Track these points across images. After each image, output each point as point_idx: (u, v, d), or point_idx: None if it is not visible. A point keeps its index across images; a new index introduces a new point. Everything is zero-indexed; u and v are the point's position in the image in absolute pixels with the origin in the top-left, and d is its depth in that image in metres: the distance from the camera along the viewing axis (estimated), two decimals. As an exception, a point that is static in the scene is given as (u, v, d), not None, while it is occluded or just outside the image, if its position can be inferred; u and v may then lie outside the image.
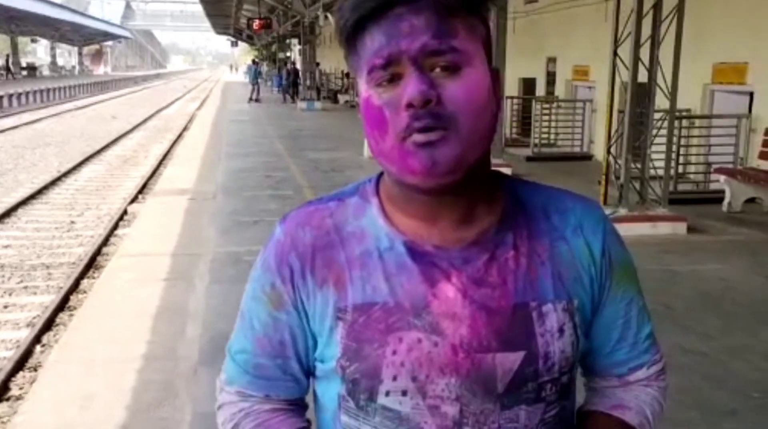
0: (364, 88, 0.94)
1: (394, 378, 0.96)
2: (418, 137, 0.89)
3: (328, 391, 1.04)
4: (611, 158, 8.02)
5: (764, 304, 5.54)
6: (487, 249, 0.99)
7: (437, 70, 0.89)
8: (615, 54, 7.77)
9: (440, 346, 0.95)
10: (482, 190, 1.00)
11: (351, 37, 0.94)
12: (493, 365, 0.96)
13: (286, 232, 1.04)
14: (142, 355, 4.54)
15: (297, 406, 1.11)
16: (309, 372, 1.07)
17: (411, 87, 0.88)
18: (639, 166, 7.95)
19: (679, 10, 7.44)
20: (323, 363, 1.02)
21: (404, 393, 0.96)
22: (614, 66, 7.79)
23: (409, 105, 0.88)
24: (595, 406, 1.13)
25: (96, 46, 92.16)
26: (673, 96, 7.66)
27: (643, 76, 7.65)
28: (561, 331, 0.99)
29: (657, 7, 7.58)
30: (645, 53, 7.65)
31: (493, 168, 1.03)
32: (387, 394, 0.96)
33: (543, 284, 0.99)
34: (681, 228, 7.62)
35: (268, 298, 1.04)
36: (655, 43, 7.64)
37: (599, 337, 1.08)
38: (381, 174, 1.05)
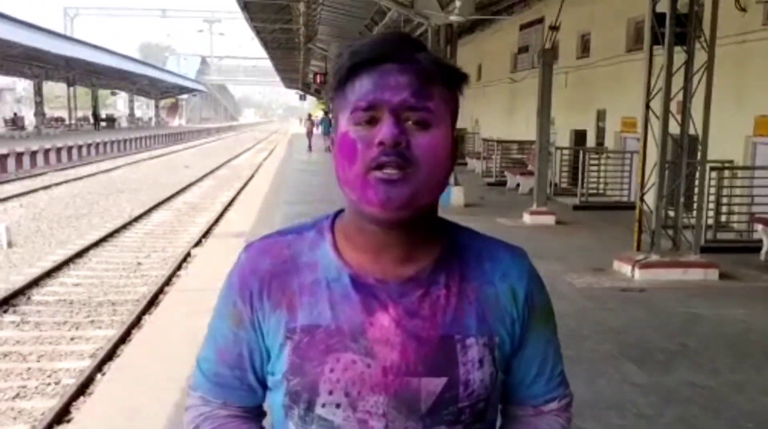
0: (343, 124, 1.07)
1: (330, 392, 1.08)
2: (380, 174, 1.02)
3: (277, 400, 1.16)
4: (645, 206, 8.29)
5: (778, 345, 5.73)
6: (422, 285, 1.11)
7: (409, 122, 1.04)
8: (647, 107, 8.10)
9: (372, 367, 1.08)
10: (425, 234, 1.13)
11: (344, 80, 1.08)
12: (418, 388, 1.08)
13: (249, 258, 1.17)
14: (187, 375, 4.97)
15: (253, 414, 1.22)
16: (264, 384, 1.19)
17: (386, 129, 1.02)
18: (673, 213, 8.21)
19: (709, 67, 7.76)
20: (273, 375, 1.15)
21: (338, 406, 1.08)
22: (646, 119, 8.12)
23: (381, 143, 1.02)
24: None
25: (172, 99, 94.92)
26: (703, 147, 7.93)
27: (678, 129, 7.95)
28: (481, 362, 1.11)
29: (688, 63, 7.93)
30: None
31: (442, 216, 1.18)
32: (323, 405, 1.09)
33: (468, 321, 1.12)
34: (713, 274, 7.81)
35: (230, 316, 1.17)
36: (687, 96, 7.96)
37: (520, 371, 1.21)
38: (337, 213, 1.19)
